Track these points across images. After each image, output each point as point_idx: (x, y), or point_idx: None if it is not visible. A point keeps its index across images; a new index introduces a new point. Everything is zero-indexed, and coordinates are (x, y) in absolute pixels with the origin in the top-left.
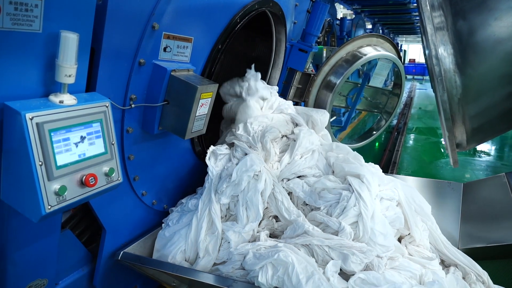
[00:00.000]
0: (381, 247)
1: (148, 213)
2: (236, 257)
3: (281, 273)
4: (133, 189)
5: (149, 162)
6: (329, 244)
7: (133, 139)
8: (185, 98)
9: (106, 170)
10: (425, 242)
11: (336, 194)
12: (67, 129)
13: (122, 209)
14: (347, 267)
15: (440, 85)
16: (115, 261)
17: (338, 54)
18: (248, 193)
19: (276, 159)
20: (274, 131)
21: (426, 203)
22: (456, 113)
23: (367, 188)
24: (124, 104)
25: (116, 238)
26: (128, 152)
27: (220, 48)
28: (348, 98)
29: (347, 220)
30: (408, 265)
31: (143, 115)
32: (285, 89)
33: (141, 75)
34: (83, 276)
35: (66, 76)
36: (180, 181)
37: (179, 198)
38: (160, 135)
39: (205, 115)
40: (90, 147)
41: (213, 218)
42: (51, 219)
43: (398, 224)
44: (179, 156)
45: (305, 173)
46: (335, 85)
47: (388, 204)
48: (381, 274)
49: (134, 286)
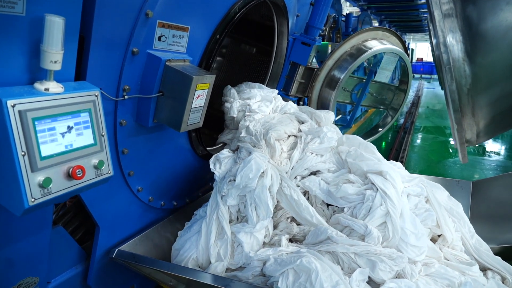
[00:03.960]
0: (413, 248)
1: (145, 210)
2: (256, 263)
3: (304, 280)
4: (128, 185)
5: (144, 157)
6: (355, 251)
7: (127, 132)
8: (180, 89)
9: (95, 163)
10: (458, 244)
11: (360, 195)
12: (52, 118)
13: (116, 205)
14: (375, 275)
15: (448, 74)
16: (109, 259)
17: (343, 47)
18: (255, 191)
19: (285, 155)
20: (278, 129)
21: (456, 201)
22: (465, 104)
23: (392, 185)
24: (117, 95)
25: (111, 235)
26: (122, 145)
27: (218, 39)
28: (353, 93)
29: (375, 221)
30: (445, 272)
31: (137, 107)
32: (287, 84)
33: (135, 65)
34: (76, 274)
35: (52, 62)
36: (178, 178)
37: (178, 196)
38: (156, 129)
39: (202, 107)
40: (78, 138)
41: (220, 221)
42: (41, 214)
43: (430, 222)
44: (177, 151)
45: (319, 168)
46: (339, 80)
47: (416, 201)
48: (414, 283)
49: (131, 286)
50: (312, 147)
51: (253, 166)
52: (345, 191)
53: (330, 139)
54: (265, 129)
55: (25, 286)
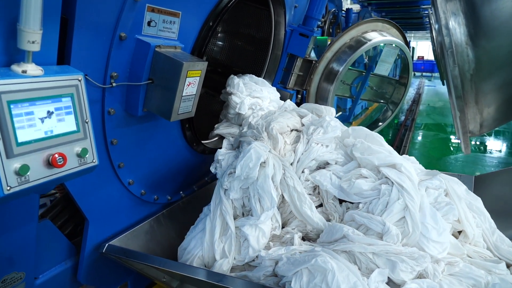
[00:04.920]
0: (435, 244)
1: (137, 204)
2: (268, 263)
3: (319, 281)
4: (118, 177)
5: (135, 148)
6: (374, 251)
7: (115, 121)
8: (171, 76)
9: (78, 151)
10: (480, 240)
11: (375, 190)
12: (30, 102)
13: (106, 198)
14: (395, 276)
15: (450, 58)
16: (100, 254)
17: (342, 39)
18: (258, 182)
19: (289, 148)
20: (280, 121)
21: (475, 196)
22: (468, 91)
23: (407, 177)
24: (104, 82)
25: (101, 229)
26: (110, 136)
27: (211, 26)
28: (353, 87)
29: (393, 217)
30: (470, 271)
31: (126, 95)
32: (285, 76)
33: (123, 50)
34: (66, 270)
35: (29, 42)
36: (172, 172)
37: (172, 190)
38: (146, 119)
39: (193, 95)
40: (59, 123)
41: (224, 216)
42: (26, 206)
43: (452, 216)
44: (169, 143)
45: (326, 158)
46: (338, 73)
47: (436, 195)
48: (438, 283)
49: (124, 282)
50: (316, 137)
51: (252, 155)
52: (359, 187)
53: (334, 128)
54: (266, 122)
55: (10, 282)
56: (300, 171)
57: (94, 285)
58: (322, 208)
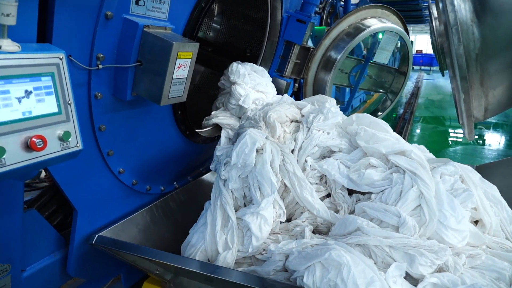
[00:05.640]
0: (454, 232)
1: (128, 194)
2: (277, 257)
3: (333, 276)
4: (108, 166)
5: (125, 135)
6: (391, 244)
7: (103, 106)
8: (160, 57)
9: (60, 134)
10: (499, 230)
11: (386, 179)
12: (6, 80)
13: (95, 187)
14: (414, 270)
15: (455, 36)
16: (89, 246)
17: (340, 26)
18: (256, 168)
19: (289, 136)
20: (278, 109)
21: (490, 184)
22: (473, 72)
23: (419, 164)
24: (90, 64)
25: (91, 220)
26: (98, 121)
27: (203, 7)
28: (351, 76)
29: (409, 206)
30: (492, 263)
31: (114, 78)
32: (282, 64)
33: (109, 30)
34: (54, 262)
35: (4, 15)
36: (165, 161)
37: (165, 180)
38: (136, 104)
39: (185, 79)
40: (38, 104)
41: (224, 207)
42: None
43: (470, 204)
44: (161, 131)
45: (329, 144)
46: (336, 61)
47: (452, 181)
48: (459, 277)
49: (117, 276)
50: (317, 124)
51: (248, 141)
52: (369, 177)
53: (335, 114)
54: (264, 112)
55: None
56: (303, 159)
57: (85, 278)
58: (330, 199)
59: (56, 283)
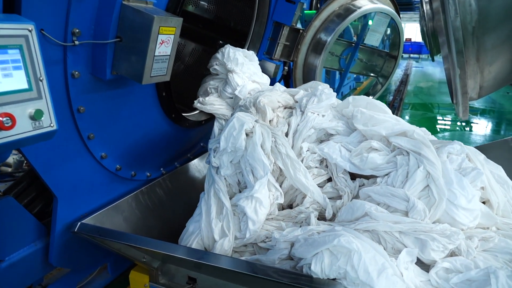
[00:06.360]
0: (465, 211)
1: (112, 180)
2: (282, 245)
3: (343, 263)
4: (89, 150)
5: (106, 118)
6: (401, 229)
7: (81, 86)
8: (141, 32)
9: (31, 112)
10: (508, 211)
11: (390, 162)
12: None
13: (76, 173)
14: (425, 256)
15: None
16: (72, 234)
17: (331, 6)
18: (247, 152)
19: (282, 121)
20: (268, 94)
21: (495, 164)
22: (470, 47)
23: (423, 143)
24: (65, 40)
25: (72, 207)
26: (76, 102)
27: None
28: (342, 59)
29: (417, 187)
30: (506, 246)
31: (92, 56)
32: (271, 46)
33: (85, 4)
34: (36, 251)
35: None
36: (150, 146)
37: (151, 166)
38: (117, 84)
39: (168, 56)
40: (5, 79)
41: (217, 194)
42: None
43: (480, 182)
44: (145, 113)
45: (325, 126)
46: (326, 43)
47: (459, 160)
48: (472, 261)
49: (103, 265)
50: (311, 106)
51: (235, 123)
52: (373, 162)
53: (328, 94)
54: (254, 98)
55: None
56: (299, 143)
57: (69, 267)
58: (331, 183)
59: (38, 273)
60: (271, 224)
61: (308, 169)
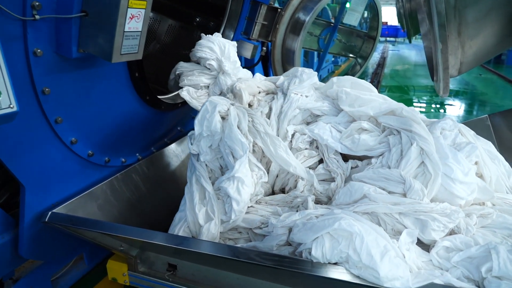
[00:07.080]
0: (462, 185)
1: (84, 167)
2: (280, 231)
3: (344, 247)
4: (57, 135)
5: (75, 100)
6: (401, 211)
7: (45, 65)
8: (108, 6)
9: None
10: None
11: (382, 143)
12: None
13: (44, 160)
14: (426, 236)
15: None
16: (43, 224)
17: None
18: (224, 134)
19: (264, 104)
20: (247, 81)
21: (485, 140)
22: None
23: (412, 120)
24: (24, 14)
25: (42, 196)
26: (41, 84)
27: None
28: (320, 39)
29: (413, 164)
30: (503, 221)
31: (56, 32)
32: (248, 26)
33: None
34: (3, 244)
35: None
36: (124, 130)
37: (126, 151)
38: (85, 63)
39: (139, 32)
40: None
41: (199, 180)
42: None
43: (475, 157)
44: (117, 95)
45: (310, 107)
46: (305, 22)
47: (453, 136)
48: (471, 238)
49: (79, 255)
50: (293, 87)
51: (208, 106)
52: (365, 144)
53: (310, 74)
54: (231, 85)
55: None
56: (285, 125)
57: (41, 259)
58: (323, 165)
59: (8, 267)
60: (266, 210)
61: (298, 150)
